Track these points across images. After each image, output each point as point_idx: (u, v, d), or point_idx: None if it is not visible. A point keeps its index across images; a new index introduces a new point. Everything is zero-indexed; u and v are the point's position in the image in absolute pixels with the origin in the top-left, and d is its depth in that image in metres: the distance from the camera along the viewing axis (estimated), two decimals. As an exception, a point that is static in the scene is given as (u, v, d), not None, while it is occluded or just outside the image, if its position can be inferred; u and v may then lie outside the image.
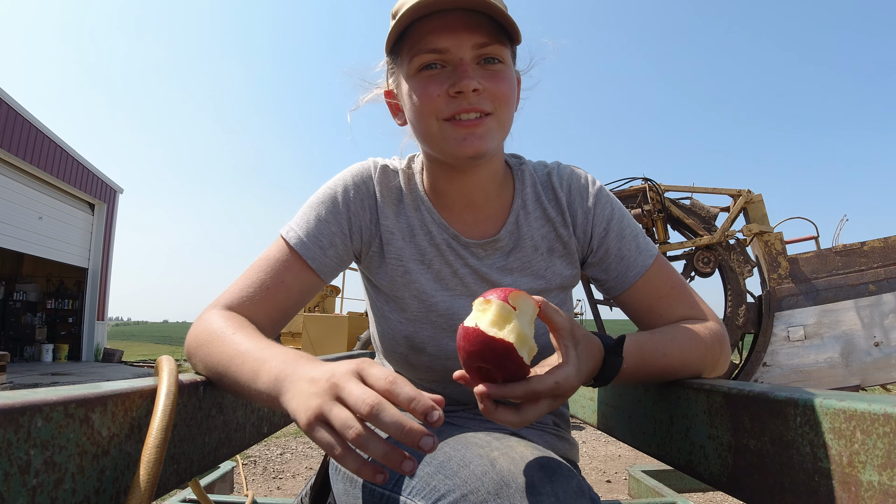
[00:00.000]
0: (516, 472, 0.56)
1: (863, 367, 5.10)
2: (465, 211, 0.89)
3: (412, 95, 0.78)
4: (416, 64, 0.77)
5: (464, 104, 0.75)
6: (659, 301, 0.86)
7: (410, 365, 0.88)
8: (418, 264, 0.87)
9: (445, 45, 0.75)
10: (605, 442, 4.92)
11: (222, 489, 1.91)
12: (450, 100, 0.76)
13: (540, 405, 0.60)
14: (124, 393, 0.52)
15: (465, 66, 0.75)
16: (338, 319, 10.09)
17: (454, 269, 0.87)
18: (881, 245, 5.23)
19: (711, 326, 0.83)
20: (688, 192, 5.79)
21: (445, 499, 0.57)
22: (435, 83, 0.76)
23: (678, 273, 0.91)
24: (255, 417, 0.86)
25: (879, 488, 0.45)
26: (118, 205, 15.09)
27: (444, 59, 0.76)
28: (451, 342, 0.85)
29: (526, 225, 0.89)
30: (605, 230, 0.89)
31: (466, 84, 0.74)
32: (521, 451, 0.61)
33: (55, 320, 14.09)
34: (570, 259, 0.91)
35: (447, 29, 0.74)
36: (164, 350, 23.95)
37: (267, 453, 4.34)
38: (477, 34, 0.75)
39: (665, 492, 1.85)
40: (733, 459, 0.65)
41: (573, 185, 0.91)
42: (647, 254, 0.88)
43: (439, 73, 0.77)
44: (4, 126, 10.06)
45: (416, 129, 0.81)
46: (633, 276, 0.87)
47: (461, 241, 0.88)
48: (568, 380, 0.60)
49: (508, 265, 0.88)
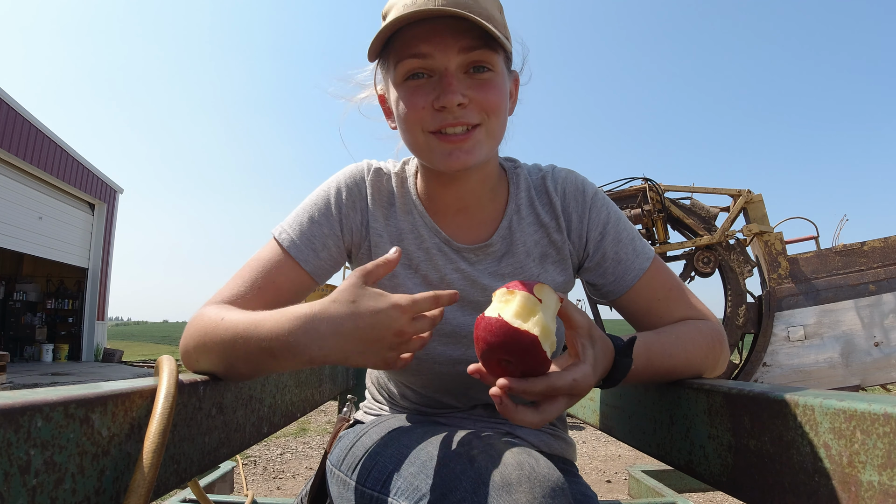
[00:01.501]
0: (494, 471, 0.56)
1: (863, 367, 5.10)
2: (457, 215, 0.89)
3: (399, 104, 0.77)
4: (402, 71, 0.76)
5: (449, 118, 0.74)
6: (657, 303, 0.86)
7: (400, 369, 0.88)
8: (405, 268, 0.87)
9: (429, 51, 0.73)
10: (605, 442, 4.92)
11: (222, 489, 1.91)
12: (435, 113, 0.75)
13: (558, 403, 0.59)
14: (124, 393, 0.52)
15: (449, 79, 0.73)
16: (338, 319, 10.08)
17: (442, 275, 0.87)
18: (881, 245, 5.23)
19: (712, 326, 0.83)
20: (688, 192, 5.79)
21: (426, 498, 0.58)
22: (420, 94, 0.75)
23: (675, 274, 0.91)
24: (255, 417, 0.86)
25: (879, 488, 0.45)
26: (118, 205, 15.10)
27: (429, 67, 0.74)
28: (438, 346, 0.86)
29: (519, 230, 0.89)
30: (601, 234, 0.88)
31: (450, 99, 0.72)
32: (500, 449, 0.61)
33: (55, 320, 14.08)
34: (564, 265, 0.90)
35: (433, 33, 0.73)
36: (164, 350, 23.95)
37: (267, 453, 4.34)
38: (463, 38, 0.73)
39: (665, 492, 1.85)
40: (733, 459, 0.65)
41: (568, 189, 0.90)
42: (644, 256, 0.88)
43: (425, 83, 0.75)
44: (4, 126, 10.05)
45: (404, 139, 0.81)
46: (630, 279, 0.86)
47: (453, 245, 0.87)
48: (585, 378, 0.59)
49: (500, 270, 0.88)
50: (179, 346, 0.77)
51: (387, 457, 0.71)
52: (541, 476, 0.56)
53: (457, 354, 0.86)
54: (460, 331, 0.86)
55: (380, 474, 0.69)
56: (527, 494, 0.53)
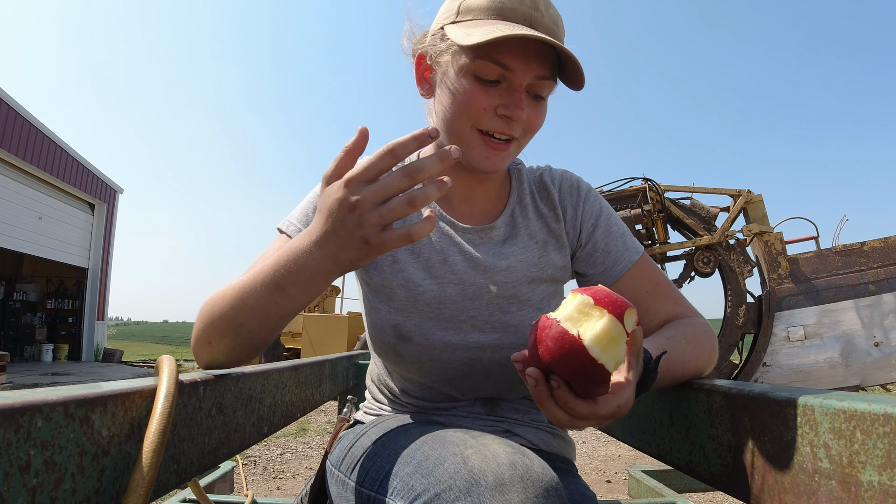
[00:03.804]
0: (487, 470, 0.56)
1: (863, 367, 5.11)
2: (463, 203, 0.92)
3: (457, 92, 0.78)
4: (479, 67, 0.76)
5: (504, 127, 0.78)
6: (645, 296, 0.88)
7: (399, 355, 0.88)
8: (407, 253, 0.88)
9: (515, 66, 0.75)
10: (605, 442, 4.92)
11: (222, 489, 1.91)
12: (494, 117, 0.78)
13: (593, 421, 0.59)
14: (124, 393, 0.52)
15: (521, 95, 0.77)
16: (338, 319, 10.09)
17: (444, 257, 0.88)
18: (881, 245, 5.23)
19: (705, 324, 0.86)
20: (688, 192, 5.80)
21: (421, 498, 0.58)
22: (486, 95, 0.77)
23: (662, 272, 0.94)
24: (255, 417, 0.86)
25: (879, 488, 0.45)
26: (118, 205, 15.10)
27: (503, 76, 0.76)
28: (438, 331, 0.85)
29: (522, 217, 0.92)
30: (593, 226, 0.92)
31: (519, 115, 0.76)
32: (494, 448, 0.61)
33: (55, 320, 14.09)
34: (563, 251, 0.93)
35: (522, 50, 0.74)
36: (164, 350, 23.95)
37: (267, 453, 4.35)
38: (544, 67, 0.76)
39: (665, 492, 1.85)
40: (733, 459, 0.65)
41: (564, 183, 0.95)
42: (634, 250, 0.91)
43: (493, 87, 0.77)
44: (4, 126, 10.06)
45: (445, 122, 0.82)
46: (619, 270, 0.89)
47: (457, 227, 0.90)
48: (629, 402, 0.58)
49: (504, 251, 0.89)
50: (191, 341, 0.76)
51: (384, 457, 0.71)
52: (534, 476, 0.56)
53: (455, 340, 0.85)
54: (459, 315, 0.86)
55: (377, 474, 0.70)
56: (520, 494, 0.53)
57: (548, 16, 0.77)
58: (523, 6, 0.76)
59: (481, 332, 0.86)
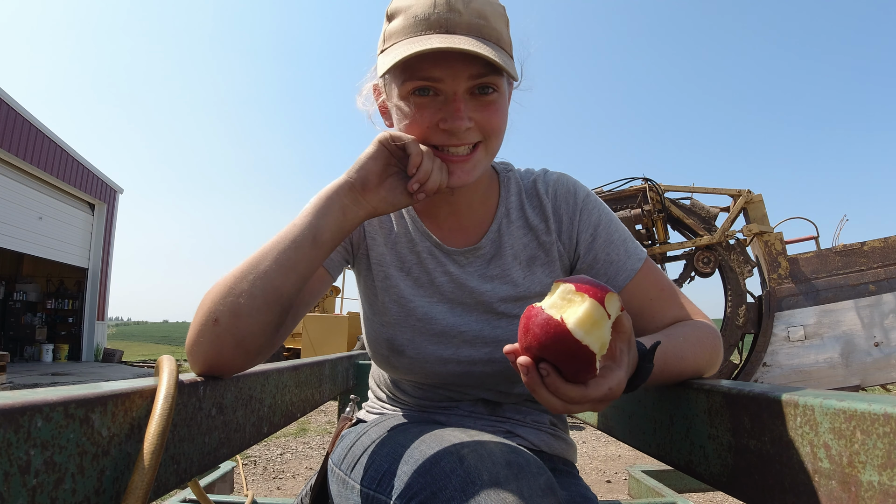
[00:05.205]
0: (483, 470, 0.56)
1: (863, 367, 5.11)
2: (448, 219, 0.91)
3: (402, 116, 0.77)
4: (409, 87, 0.75)
5: (453, 139, 0.75)
6: (650, 303, 0.86)
7: (392, 366, 0.90)
8: (398, 270, 0.89)
9: (440, 76, 0.73)
10: (605, 442, 4.92)
11: (222, 489, 1.91)
12: (440, 132, 0.76)
13: (586, 405, 0.58)
14: (124, 393, 0.52)
15: (458, 103, 0.74)
16: (338, 319, 10.09)
17: (432, 277, 0.89)
18: (881, 245, 5.23)
19: (710, 326, 0.84)
20: (688, 192, 5.80)
21: (417, 497, 0.59)
22: (427, 112, 0.75)
23: (666, 275, 0.91)
24: (255, 417, 0.86)
25: (879, 488, 0.45)
26: (118, 205, 15.10)
27: (437, 87, 0.75)
28: (430, 346, 0.87)
29: (508, 233, 0.90)
30: (592, 236, 0.89)
31: (458, 125, 0.73)
32: (490, 448, 0.61)
33: (55, 320, 14.09)
34: (552, 267, 0.90)
35: (444, 58, 0.72)
36: (164, 350, 23.95)
37: (267, 453, 4.35)
38: (473, 66, 0.73)
39: (665, 492, 1.85)
40: (733, 459, 0.65)
41: (559, 191, 0.91)
42: (636, 257, 0.88)
43: (431, 101, 0.75)
44: (4, 126, 10.06)
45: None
46: (622, 279, 0.87)
47: (443, 249, 0.89)
48: (620, 386, 0.58)
49: (489, 272, 0.89)
50: (186, 342, 0.71)
51: (383, 456, 0.72)
52: (529, 475, 0.56)
53: (447, 354, 0.86)
54: (450, 331, 0.87)
55: (376, 473, 0.70)
56: (515, 494, 0.53)
57: (468, 12, 0.73)
58: (436, 12, 0.73)
59: (472, 346, 0.86)
